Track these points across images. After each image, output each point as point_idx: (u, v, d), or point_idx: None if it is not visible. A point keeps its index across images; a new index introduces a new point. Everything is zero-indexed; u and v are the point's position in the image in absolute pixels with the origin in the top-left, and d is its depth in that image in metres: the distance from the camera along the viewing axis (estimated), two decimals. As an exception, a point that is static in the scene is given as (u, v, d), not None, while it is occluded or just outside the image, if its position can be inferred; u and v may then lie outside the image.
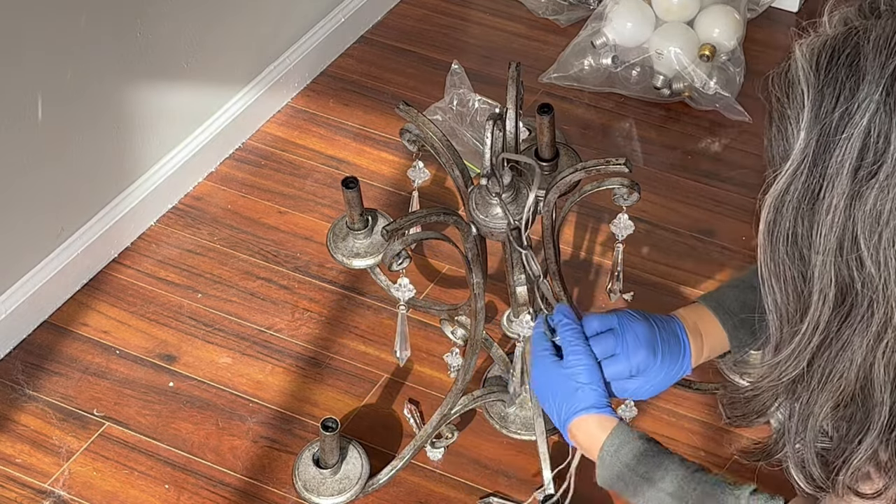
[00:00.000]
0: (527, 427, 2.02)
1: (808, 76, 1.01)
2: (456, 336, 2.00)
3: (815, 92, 1.01)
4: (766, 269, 1.07)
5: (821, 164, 1.00)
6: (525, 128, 2.17)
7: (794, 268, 1.05)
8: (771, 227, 1.05)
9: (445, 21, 2.86)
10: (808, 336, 1.06)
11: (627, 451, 1.36)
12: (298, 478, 1.92)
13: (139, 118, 2.31)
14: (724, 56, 2.65)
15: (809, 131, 1.01)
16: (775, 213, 1.04)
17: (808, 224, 1.02)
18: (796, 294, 1.06)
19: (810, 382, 1.08)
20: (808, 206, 1.02)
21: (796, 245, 1.04)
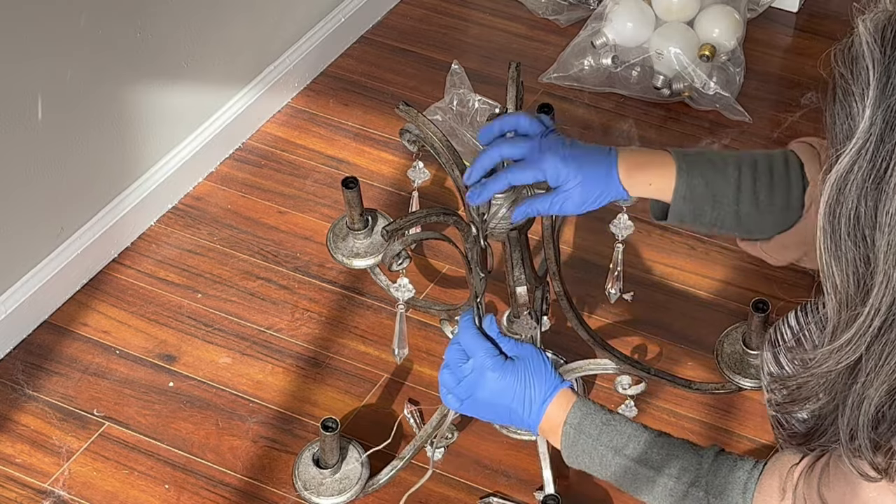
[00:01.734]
0: (527, 427, 2.02)
1: (874, 51, 0.99)
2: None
3: (881, 68, 0.98)
4: (827, 251, 1.05)
5: (887, 142, 0.98)
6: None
7: (857, 249, 1.02)
8: (833, 208, 1.02)
9: (445, 21, 2.86)
10: (869, 319, 1.03)
11: (589, 423, 1.37)
12: (298, 478, 1.92)
13: (139, 118, 2.31)
14: (724, 56, 2.65)
15: (875, 109, 0.99)
16: (838, 193, 1.02)
17: (872, 204, 1.00)
18: (857, 276, 1.03)
19: (867, 366, 1.05)
20: (873, 186, 0.99)
21: (859, 225, 1.01)
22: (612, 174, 1.46)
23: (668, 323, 2.24)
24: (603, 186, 1.46)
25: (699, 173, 1.45)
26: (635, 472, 1.36)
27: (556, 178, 1.46)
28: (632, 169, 1.46)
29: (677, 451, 1.35)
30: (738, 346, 1.91)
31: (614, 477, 1.39)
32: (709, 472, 1.33)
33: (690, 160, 1.46)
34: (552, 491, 1.91)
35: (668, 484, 1.35)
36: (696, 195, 1.45)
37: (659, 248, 2.36)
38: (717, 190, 1.45)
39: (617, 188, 1.46)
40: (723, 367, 1.91)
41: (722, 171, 1.45)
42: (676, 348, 2.20)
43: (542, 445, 1.93)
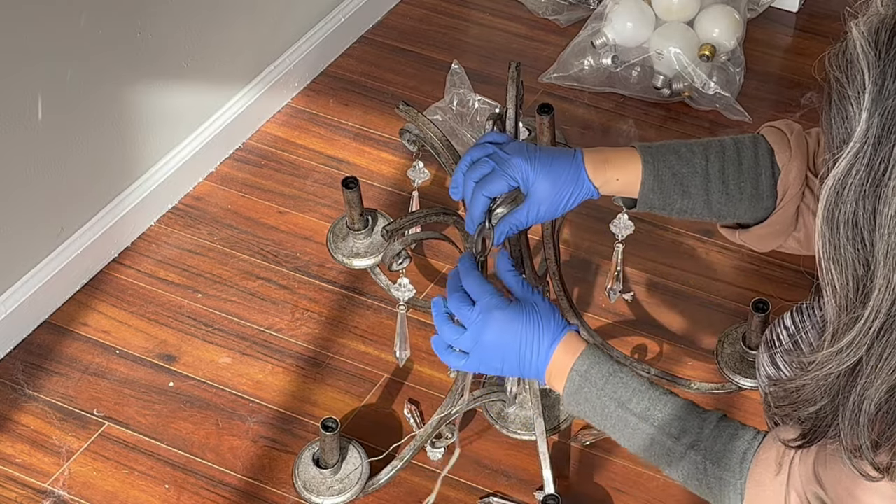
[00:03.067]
0: (527, 427, 2.03)
1: (868, 55, 0.99)
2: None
3: (876, 72, 0.98)
4: (826, 254, 1.04)
5: (885, 145, 0.98)
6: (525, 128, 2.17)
7: (856, 253, 1.02)
8: (831, 211, 1.02)
9: (445, 21, 2.86)
10: (870, 322, 1.03)
11: (596, 371, 1.36)
12: (298, 478, 1.92)
13: (139, 118, 2.32)
14: (724, 56, 2.65)
15: (872, 112, 0.98)
16: (836, 197, 1.01)
17: (870, 207, 1.00)
18: (856, 280, 1.03)
19: (867, 367, 1.05)
20: (871, 189, 0.99)
21: (857, 229, 1.01)
22: (580, 173, 1.47)
23: (668, 323, 2.24)
24: (573, 186, 1.47)
25: (666, 165, 1.46)
26: (635, 427, 1.37)
27: (525, 181, 1.46)
28: (598, 166, 1.47)
29: (681, 412, 1.35)
30: (738, 346, 1.91)
31: (613, 429, 1.39)
32: (709, 437, 1.33)
33: (656, 152, 1.48)
34: (552, 491, 1.91)
35: (667, 443, 1.35)
36: (664, 186, 1.47)
37: (659, 248, 2.36)
38: (684, 179, 1.46)
39: (587, 186, 1.47)
40: (723, 367, 1.91)
41: (689, 161, 1.46)
42: (676, 348, 2.20)
43: (542, 445, 1.93)
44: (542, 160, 1.46)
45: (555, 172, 1.46)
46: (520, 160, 1.46)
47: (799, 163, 1.44)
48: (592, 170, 1.47)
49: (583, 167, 1.47)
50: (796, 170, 1.45)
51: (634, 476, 2.02)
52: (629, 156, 1.48)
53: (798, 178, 1.45)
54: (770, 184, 1.45)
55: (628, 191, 1.49)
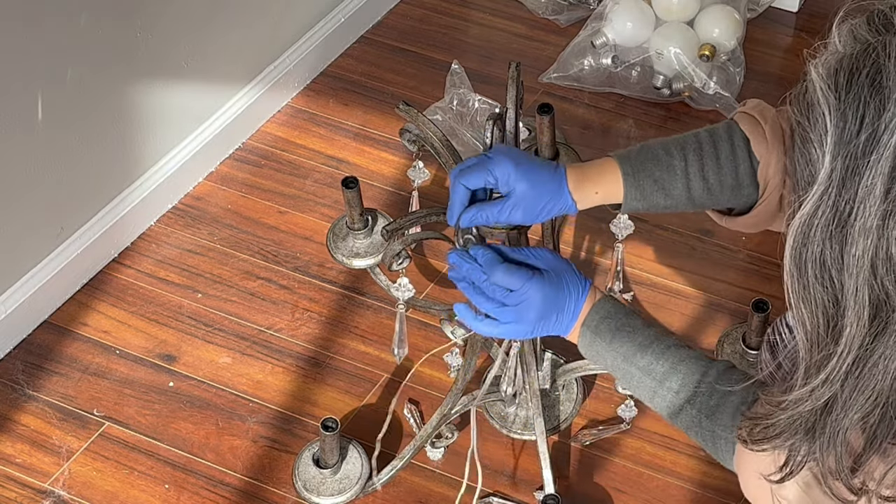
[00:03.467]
0: (527, 427, 2.03)
1: (828, 97, 0.99)
2: (456, 336, 2.00)
3: (837, 114, 0.98)
4: (795, 294, 1.05)
5: (850, 186, 0.98)
6: (525, 128, 2.17)
7: (825, 291, 1.03)
8: (799, 252, 1.03)
9: (445, 21, 2.86)
10: (843, 358, 1.04)
11: (605, 327, 1.42)
12: (298, 478, 1.92)
13: (139, 118, 2.31)
14: (724, 56, 2.65)
15: (835, 154, 0.98)
16: (803, 238, 1.02)
17: (837, 247, 1.00)
18: (826, 317, 1.04)
19: (841, 399, 1.06)
20: (837, 229, 0.99)
21: (825, 267, 1.01)
22: (562, 185, 1.49)
23: (668, 323, 2.24)
24: (551, 196, 1.49)
25: (646, 173, 1.49)
26: (640, 380, 1.41)
27: (506, 182, 1.48)
28: (579, 180, 1.50)
29: (682, 365, 1.39)
30: (738, 346, 1.91)
31: (623, 381, 1.44)
32: (706, 391, 1.36)
33: (634, 162, 1.50)
34: (552, 491, 1.91)
35: (667, 397, 1.39)
36: (646, 193, 1.50)
37: (659, 248, 2.36)
38: (665, 184, 1.49)
39: (566, 199, 1.50)
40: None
41: (668, 165, 1.48)
42: (676, 348, 2.19)
43: (542, 445, 1.93)
44: (526, 164, 1.48)
45: (537, 178, 1.48)
46: (504, 159, 1.47)
47: (778, 153, 1.46)
48: (573, 183, 1.50)
49: (565, 180, 1.48)
50: (775, 161, 1.46)
51: (634, 476, 2.02)
52: (608, 168, 1.51)
53: (778, 169, 1.46)
54: (749, 172, 1.48)
55: (609, 201, 1.52)
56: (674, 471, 2.02)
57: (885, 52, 0.97)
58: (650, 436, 2.06)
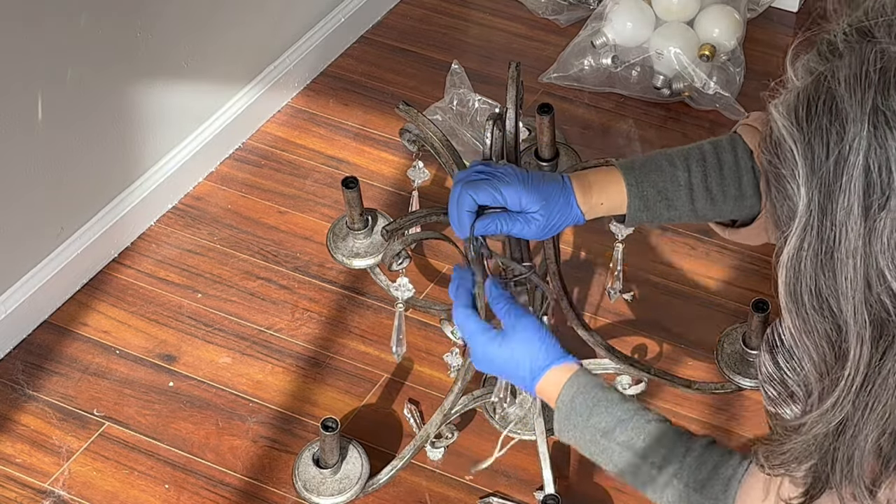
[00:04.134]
0: (527, 427, 2.02)
1: (792, 132, 1.01)
2: (456, 336, 2.00)
3: (803, 146, 1.00)
4: (796, 329, 1.06)
5: (829, 213, 0.99)
6: (525, 128, 2.17)
7: (825, 321, 1.03)
8: (793, 287, 1.04)
9: (445, 21, 2.86)
10: (851, 379, 1.04)
11: (581, 401, 1.39)
12: (298, 478, 1.92)
13: (139, 118, 2.31)
14: (724, 56, 2.65)
15: (809, 185, 1.00)
16: (794, 272, 1.03)
17: (830, 274, 1.01)
18: (831, 345, 1.04)
19: (854, 418, 1.07)
20: (826, 257, 1.01)
21: (822, 297, 1.02)
22: (570, 201, 1.49)
23: (668, 323, 2.24)
24: (561, 211, 1.49)
25: (649, 184, 1.49)
26: (620, 455, 1.38)
27: (517, 203, 1.48)
28: (584, 192, 1.51)
29: (664, 440, 1.36)
30: (738, 345, 1.91)
31: (601, 457, 1.40)
32: (693, 465, 1.34)
33: (637, 173, 1.51)
34: (552, 491, 1.91)
35: (651, 472, 1.36)
36: (650, 204, 1.51)
37: (659, 248, 2.36)
38: (669, 194, 1.50)
39: (575, 212, 1.50)
40: (723, 367, 1.91)
41: (671, 176, 1.49)
42: (676, 348, 2.20)
43: (542, 445, 1.93)
44: (535, 184, 1.48)
45: (547, 196, 1.48)
46: (514, 179, 1.47)
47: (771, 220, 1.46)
48: (580, 195, 1.50)
49: (572, 194, 1.49)
50: (771, 227, 1.46)
51: (634, 476, 2.02)
52: (612, 178, 1.51)
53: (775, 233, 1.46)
54: (752, 184, 1.49)
55: (614, 212, 1.53)
56: (674, 471, 2.02)
57: (834, 78, 1.00)
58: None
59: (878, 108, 0.97)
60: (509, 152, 1.71)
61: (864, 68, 0.98)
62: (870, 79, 0.98)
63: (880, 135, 0.97)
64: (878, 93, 0.97)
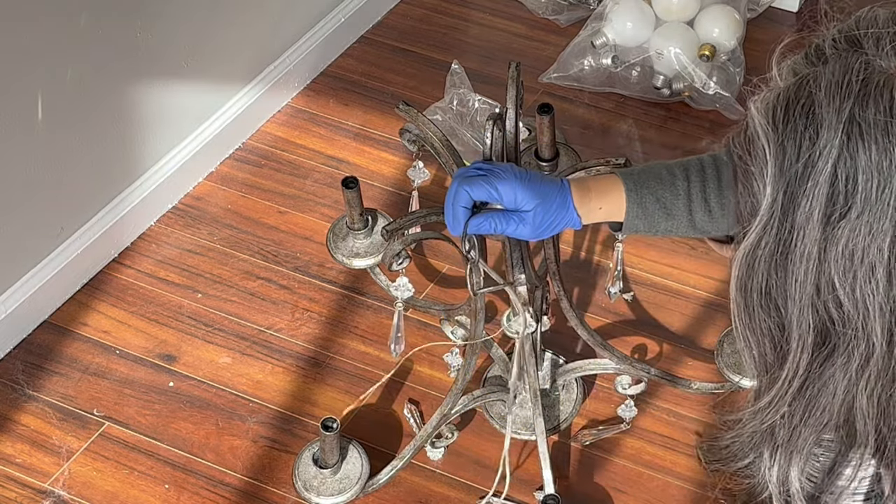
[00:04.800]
0: (527, 427, 2.03)
1: (767, 131, 1.01)
2: (456, 336, 2.00)
3: (776, 146, 1.00)
4: (742, 322, 1.07)
5: (790, 215, 1.00)
6: (525, 128, 2.17)
7: (770, 319, 1.05)
8: (744, 283, 1.05)
9: (445, 21, 2.86)
10: (788, 381, 1.06)
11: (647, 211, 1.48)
12: (298, 478, 1.92)
13: (139, 118, 2.31)
14: (724, 56, 2.65)
15: (775, 185, 1.00)
16: (748, 268, 1.04)
17: (781, 275, 1.02)
18: (773, 344, 1.06)
19: (792, 421, 1.08)
20: (780, 258, 1.01)
21: (770, 297, 1.03)
22: (566, 202, 1.49)
23: (668, 323, 2.24)
24: (557, 212, 1.50)
25: (648, 191, 1.50)
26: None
27: (512, 201, 1.49)
28: (583, 195, 1.51)
29: None
30: (738, 345, 1.91)
31: None
32: None
33: (637, 179, 1.51)
34: (552, 491, 1.91)
35: None
36: (648, 212, 1.51)
37: (659, 248, 2.36)
38: (667, 203, 1.51)
39: (571, 215, 1.51)
40: (723, 367, 1.91)
41: (670, 185, 1.50)
42: (676, 348, 2.20)
43: (542, 445, 1.93)
44: (532, 182, 1.48)
45: (543, 195, 1.48)
46: (510, 177, 1.48)
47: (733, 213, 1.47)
48: (577, 198, 1.50)
49: (569, 195, 1.49)
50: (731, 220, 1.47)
51: (634, 476, 2.02)
52: (612, 184, 1.52)
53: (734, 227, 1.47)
54: None
55: (612, 218, 1.54)
56: (674, 471, 2.02)
57: (816, 83, 1.00)
58: (650, 436, 2.06)
59: (854, 119, 0.97)
60: (509, 152, 1.71)
61: (847, 77, 0.99)
62: (850, 88, 0.98)
63: (852, 145, 0.97)
64: (856, 103, 0.98)
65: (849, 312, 1.00)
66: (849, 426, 1.07)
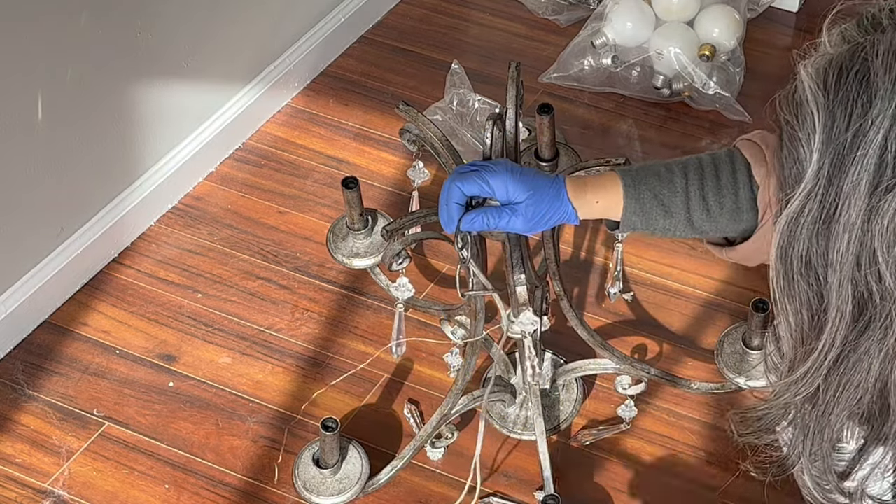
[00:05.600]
0: (527, 427, 2.03)
1: (817, 96, 1.00)
2: (456, 336, 2.00)
3: (825, 112, 0.99)
4: (780, 290, 1.06)
5: (836, 183, 0.99)
6: (525, 128, 2.17)
7: (809, 288, 1.04)
8: (785, 250, 1.04)
9: (445, 21, 2.86)
10: (825, 353, 1.05)
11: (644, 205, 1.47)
12: (298, 478, 1.92)
13: (139, 118, 2.32)
14: (724, 56, 2.65)
15: (822, 152, 0.99)
16: (789, 236, 1.03)
17: (823, 244, 1.01)
18: (810, 313, 1.05)
19: (825, 395, 1.07)
20: (823, 226, 1.01)
21: (810, 265, 1.03)
22: (560, 193, 1.48)
23: (668, 323, 2.24)
24: (550, 204, 1.49)
25: (647, 186, 1.49)
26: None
27: (504, 193, 1.48)
28: (578, 189, 1.50)
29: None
30: (738, 346, 1.91)
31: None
32: None
33: (636, 176, 1.50)
34: (552, 491, 1.91)
35: None
36: (646, 208, 1.49)
37: (659, 247, 2.36)
38: (665, 200, 1.49)
39: (566, 207, 1.50)
40: (723, 367, 1.91)
41: (669, 182, 1.48)
42: (676, 348, 2.20)
43: (542, 445, 1.93)
44: (523, 174, 1.48)
45: (535, 186, 1.48)
46: (501, 169, 1.47)
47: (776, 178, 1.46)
48: (573, 191, 1.49)
49: (563, 188, 1.48)
50: (774, 186, 1.46)
51: (634, 476, 2.02)
52: (609, 180, 1.51)
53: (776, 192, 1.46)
54: (749, 197, 1.48)
55: (609, 214, 1.52)
56: (674, 471, 2.02)
57: (872, 51, 0.99)
58: (650, 436, 2.06)
59: None
60: (509, 152, 1.71)
61: None
62: None
63: None
64: None
65: (889, 286, 1.00)
66: (882, 403, 1.07)
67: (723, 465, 2.01)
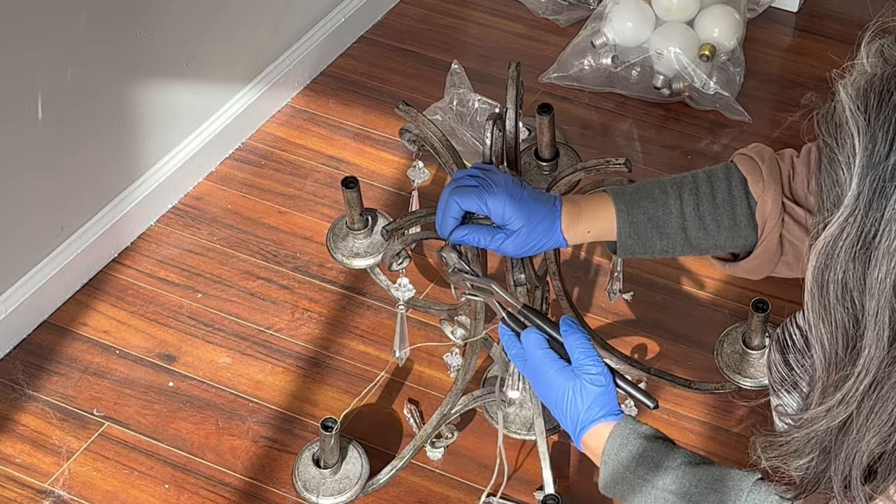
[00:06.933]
0: (527, 427, 2.03)
1: (858, 119, 0.98)
2: (456, 336, 2.00)
3: (866, 136, 0.97)
4: (815, 314, 1.05)
5: (876, 209, 0.98)
6: (525, 128, 2.17)
7: (846, 312, 1.02)
8: (822, 272, 1.02)
9: (445, 21, 2.86)
10: (860, 379, 1.03)
11: (627, 452, 1.31)
12: (298, 478, 1.92)
13: (139, 118, 2.32)
14: (724, 56, 2.65)
15: (862, 177, 0.98)
16: (826, 259, 1.01)
17: (861, 269, 1.00)
18: (846, 338, 1.03)
19: (857, 421, 1.06)
20: (861, 252, 0.99)
21: (847, 290, 1.01)
22: (555, 225, 1.48)
23: (668, 323, 2.24)
24: (543, 234, 1.48)
25: (640, 210, 1.47)
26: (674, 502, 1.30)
27: (501, 217, 1.48)
28: (573, 219, 1.49)
29: (716, 484, 1.28)
30: (738, 346, 1.91)
31: None
32: None
33: (629, 199, 1.49)
34: (552, 491, 1.91)
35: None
36: (641, 231, 1.48)
37: (659, 248, 2.36)
38: (660, 222, 1.47)
39: (557, 238, 1.49)
40: (723, 367, 1.91)
41: (663, 204, 1.47)
42: (676, 348, 2.20)
43: (542, 445, 1.93)
44: (522, 201, 1.47)
45: (532, 216, 1.47)
46: (501, 193, 1.47)
47: (774, 193, 1.44)
48: (567, 221, 1.49)
49: (558, 219, 1.48)
50: (772, 200, 1.45)
51: (634, 476, 2.02)
52: (603, 206, 1.49)
53: (775, 208, 1.45)
54: (746, 213, 1.46)
55: (603, 238, 1.51)
56: (674, 471, 2.02)
57: None
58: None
59: None
60: (509, 152, 1.71)
61: None
62: None
63: None
64: None
65: None
66: None
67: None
